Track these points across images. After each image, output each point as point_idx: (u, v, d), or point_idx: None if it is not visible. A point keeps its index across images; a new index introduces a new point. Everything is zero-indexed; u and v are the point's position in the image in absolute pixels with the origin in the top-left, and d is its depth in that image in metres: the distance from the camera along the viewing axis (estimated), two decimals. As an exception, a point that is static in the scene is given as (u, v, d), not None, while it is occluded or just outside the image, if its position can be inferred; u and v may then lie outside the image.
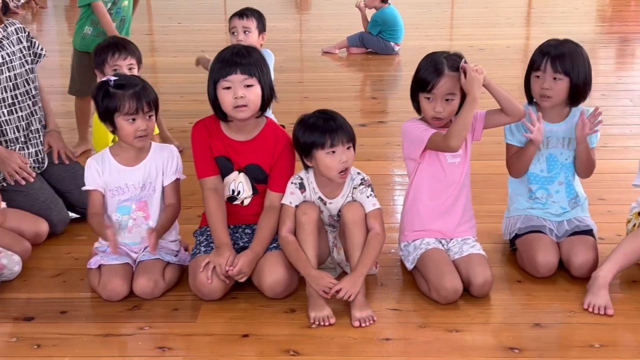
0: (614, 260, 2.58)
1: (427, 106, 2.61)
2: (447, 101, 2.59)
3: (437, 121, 2.62)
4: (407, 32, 6.86)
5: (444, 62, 2.59)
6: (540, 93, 2.72)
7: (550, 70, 2.69)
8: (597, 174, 3.62)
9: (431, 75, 2.57)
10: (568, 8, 8.86)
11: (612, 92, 5.31)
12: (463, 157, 2.69)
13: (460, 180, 2.70)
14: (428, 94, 2.59)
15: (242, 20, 3.90)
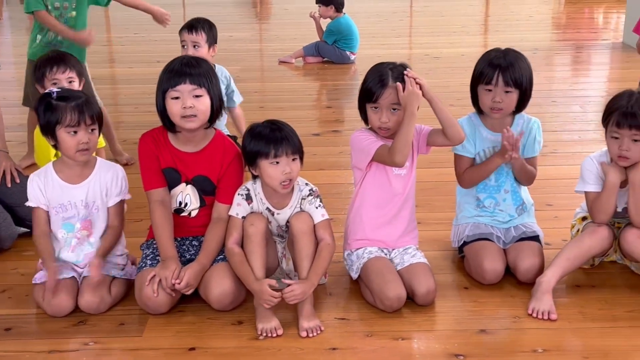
0: (557, 266, 2.62)
1: (374, 116, 2.63)
2: (394, 111, 2.61)
3: (384, 131, 2.63)
4: (364, 41, 6.90)
5: (389, 73, 2.61)
6: (491, 106, 2.75)
7: (502, 84, 2.71)
8: (546, 179, 3.71)
9: (376, 86, 2.59)
10: (522, 16, 9.00)
11: (563, 98, 5.39)
12: (409, 169, 2.71)
13: (405, 192, 2.72)
14: (374, 104, 2.61)
15: (192, 35, 3.88)
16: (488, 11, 9.91)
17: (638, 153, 2.57)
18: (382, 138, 2.65)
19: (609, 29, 8.48)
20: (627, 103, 2.55)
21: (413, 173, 2.73)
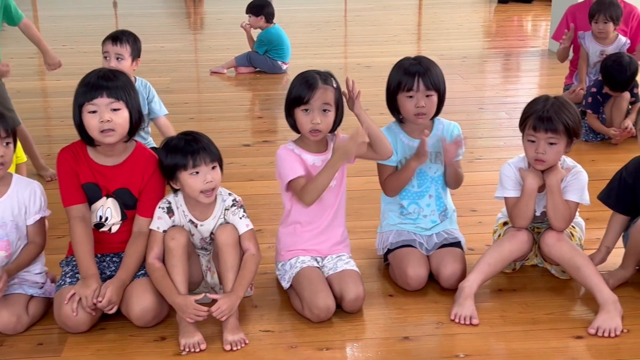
0: (478, 271, 2.66)
1: (305, 119, 2.61)
2: (324, 112, 2.61)
3: (315, 133, 2.62)
4: (296, 51, 6.91)
5: (317, 76, 2.62)
6: (415, 112, 2.77)
7: (423, 89, 2.75)
8: (470, 185, 3.76)
9: (305, 91, 2.59)
10: (453, 25, 9.13)
11: (491, 105, 5.50)
12: (339, 180, 2.72)
13: (336, 203, 2.74)
14: (305, 106, 2.60)
15: (116, 47, 3.80)
16: (420, 20, 10.04)
17: (554, 156, 2.63)
18: (313, 140, 2.64)
19: (536, 37, 8.67)
20: (543, 107, 2.61)
21: (343, 184, 2.75)
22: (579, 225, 2.90)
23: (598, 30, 4.75)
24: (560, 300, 2.72)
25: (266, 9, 6.57)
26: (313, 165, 2.67)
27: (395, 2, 11.30)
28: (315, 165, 2.67)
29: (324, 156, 2.68)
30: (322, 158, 2.68)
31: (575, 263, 2.62)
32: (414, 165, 2.79)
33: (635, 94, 4.47)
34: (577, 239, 2.83)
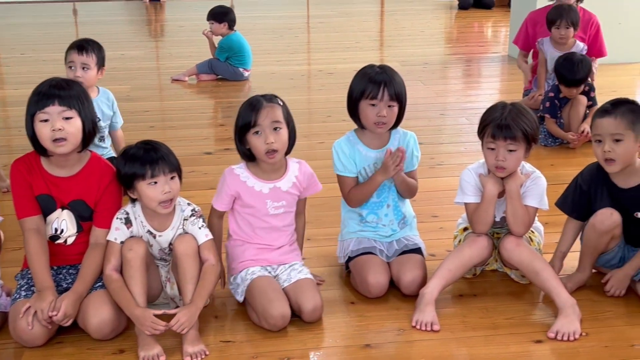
0: (439, 277, 2.67)
1: (258, 141, 2.59)
2: (276, 130, 2.59)
3: (272, 154, 2.60)
4: (258, 58, 6.90)
5: (260, 98, 2.61)
6: (375, 120, 2.76)
7: (387, 99, 2.74)
8: (432, 191, 3.79)
9: (251, 113, 2.58)
10: (414, 31, 9.19)
11: (452, 111, 5.54)
12: (288, 208, 2.71)
13: (284, 223, 2.73)
14: (255, 128, 2.57)
15: (82, 56, 3.73)
16: (382, 27, 10.10)
17: (513, 163, 2.65)
18: (269, 162, 2.62)
19: (497, 43, 8.77)
20: (501, 115, 2.63)
21: (293, 210, 2.74)
22: (538, 229, 2.93)
23: (559, 36, 4.81)
24: (520, 304, 2.74)
25: (229, 16, 6.55)
26: (260, 192, 2.65)
27: (357, 9, 11.36)
28: (262, 192, 2.65)
29: (272, 184, 2.67)
30: (271, 186, 2.66)
31: (534, 267, 2.64)
32: (380, 178, 2.79)
33: (593, 98, 4.54)
34: (536, 244, 2.85)
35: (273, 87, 5.94)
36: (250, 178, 2.66)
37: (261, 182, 2.66)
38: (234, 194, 2.67)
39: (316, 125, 5.22)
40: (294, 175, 2.70)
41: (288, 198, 2.70)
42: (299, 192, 2.73)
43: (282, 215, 2.71)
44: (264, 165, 2.66)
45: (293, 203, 2.73)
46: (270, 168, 2.67)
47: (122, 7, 11.85)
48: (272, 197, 2.67)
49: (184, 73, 6.52)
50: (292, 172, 2.71)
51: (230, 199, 2.68)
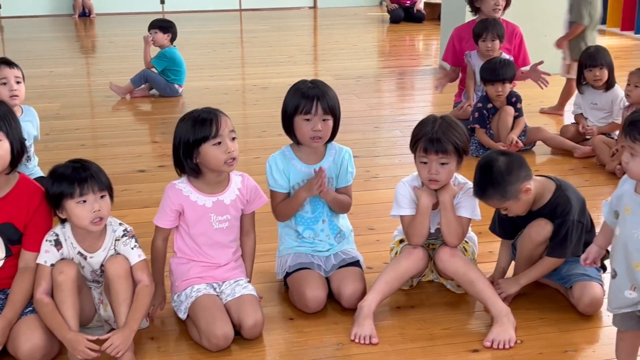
0: (376, 290, 2.68)
1: (218, 151, 2.55)
2: (233, 140, 2.58)
3: (232, 162, 2.58)
4: (191, 73, 6.85)
5: (212, 111, 2.57)
6: (311, 135, 2.76)
7: (321, 113, 2.74)
8: (368, 204, 3.82)
9: (206, 128, 2.53)
10: (347, 45, 9.28)
11: (385, 124, 5.60)
12: (233, 220, 2.69)
13: (227, 241, 2.71)
14: (215, 139, 2.53)
15: (14, 70, 3.67)
16: (315, 41, 10.16)
17: (446, 175, 2.69)
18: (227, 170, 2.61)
19: (428, 55, 8.93)
20: (432, 129, 2.66)
21: (237, 225, 2.72)
22: (471, 240, 2.97)
23: (486, 48, 4.92)
24: (457, 314, 2.78)
25: (174, 29, 6.51)
26: (203, 206, 2.63)
27: (290, 23, 11.41)
28: (205, 206, 2.63)
29: (215, 197, 2.64)
30: (214, 200, 2.64)
31: (469, 277, 2.68)
32: (304, 195, 2.79)
33: (519, 109, 4.65)
34: (470, 254, 2.90)
35: (207, 102, 5.85)
36: (193, 192, 2.63)
37: (204, 196, 2.63)
38: (178, 208, 2.63)
39: (252, 140, 5.21)
40: (237, 188, 2.69)
41: (232, 211, 2.67)
42: (242, 205, 2.71)
43: (226, 230, 2.68)
44: (209, 178, 2.63)
45: (237, 217, 2.70)
46: (215, 180, 2.64)
47: (50, 24, 11.62)
48: (216, 210, 2.64)
49: (122, 91, 6.38)
50: (235, 184, 2.69)
51: (174, 214, 2.64)
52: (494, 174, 2.60)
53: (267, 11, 12.62)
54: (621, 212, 2.12)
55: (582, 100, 4.81)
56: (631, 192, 2.10)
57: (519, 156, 2.70)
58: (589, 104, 4.77)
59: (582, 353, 2.54)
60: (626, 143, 2.05)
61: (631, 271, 2.10)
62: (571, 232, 2.66)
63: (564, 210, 2.66)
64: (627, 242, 2.09)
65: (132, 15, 11.89)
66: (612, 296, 2.18)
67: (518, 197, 2.62)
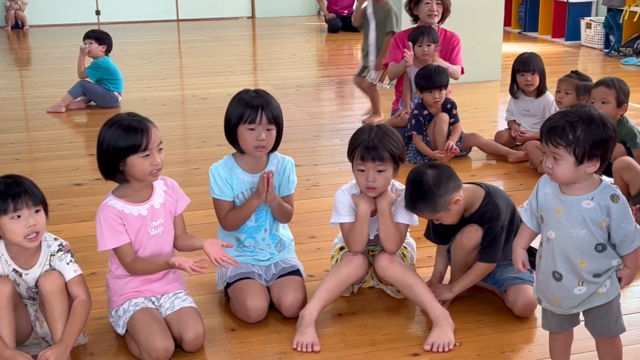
0: (318, 298, 2.70)
1: (146, 163, 2.53)
2: (160, 151, 2.56)
3: (157, 173, 2.56)
4: (129, 84, 6.76)
5: (140, 121, 2.54)
6: (255, 144, 2.77)
7: (265, 122, 2.75)
8: (308, 212, 3.84)
9: (136, 137, 2.50)
10: (286, 54, 9.30)
11: (325, 132, 5.63)
12: (167, 226, 2.67)
13: (167, 243, 2.68)
14: (144, 152, 2.51)
15: None
16: (254, 51, 10.16)
17: (383, 183, 2.72)
18: (138, 192, 2.59)
19: (366, 64, 9.00)
20: (368, 137, 2.70)
21: (171, 232, 2.70)
22: (410, 245, 3.02)
23: (422, 53, 4.98)
24: (397, 319, 2.81)
25: (110, 40, 6.43)
26: (139, 216, 2.60)
27: (228, 33, 11.38)
28: (141, 214, 2.60)
29: (147, 204, 2.62)
30: (147, 206, 2.62)
31: (408, 282, 2.73)
32: (256, 203, 2.80)
33: (455, 115, 4.74)
34: (409, 259, 2.94)
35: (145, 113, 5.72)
36: (126, 206, 2.60)
37: (137, 205, 2.60)
38: (122, 222, 2.57)
39: (191, 151, 5.18)
40: (162, 190, 2.67)
41: (164, 214, 2.65)
42: (172, 207, 2.69)
43: (161, 235, 2.65)
44: (134, 186, 2.60)
45: (170, 220, 2.68)
46: (141, 187, 2.61)
47: (-19, 35, 11.34)
48: (151, 217, 2.62)
49: (60, 104, 6.26)
50: (159, 187, 2.67)
51: (122, 227, 2.57)
52: (424, 188, 2.64)
53: (205, 21, 12.56)
54: (550, 216, 2.16)
55: (515, 107, 4.93)
56: (557, 194, 2.15)
57: (448, 168, 2.75)
58: (521, 111, 4.90)
59: (519, 353, 2.60)
60: (548, 149, 2.10)
61: (576, 269, 2.14)
62: (500, 237, 2.72)
63: (492, 217, 2.72)
64: (566, 243, 2.13)
65: (66, 27, 11.68)
66: (561, 298, 2.20)
67: (448, 209, 2.68)
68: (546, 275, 2.21)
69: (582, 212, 2.10)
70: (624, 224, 2.10)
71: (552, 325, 2.30)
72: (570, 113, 2.09)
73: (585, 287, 2.15)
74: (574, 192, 2.13)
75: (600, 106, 3.96)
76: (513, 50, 6.52)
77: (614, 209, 2.10)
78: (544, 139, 2.12)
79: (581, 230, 2.11)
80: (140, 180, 2.58)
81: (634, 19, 8.48)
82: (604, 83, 4.00)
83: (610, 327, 2.22)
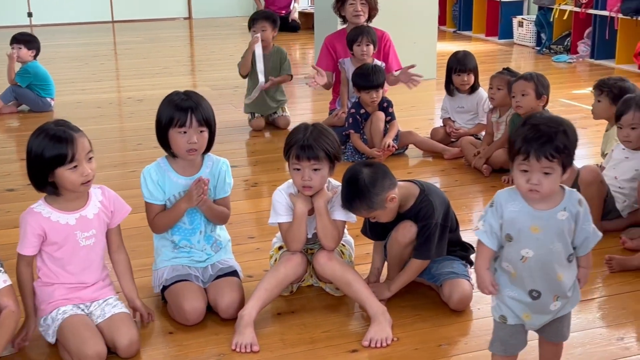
0: (256, 298, 2.70)
1: (74, 175, 2.47)
2: (90, 160, 2.51)
3: (88, 183, 2.51)
4: (62, 87, 6.65)
5: (66, 131, 2.46)
6: (187, 148, 2.75)
7: (196, 125, 2.73)
8: (247, 213, 3.84)
9: (62, 147, 2.43)
10: (224, 55, 9.24)
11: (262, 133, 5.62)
12: (98, 238, 2.63)
13: (98, 254, 2.64)
14: (71, 164, 2.45)
15: None
16: (192, 52, 10.07)
17: (319, 181, 2.74)
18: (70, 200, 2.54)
19: (305, 64, 9.03)
20: (304, 136, 2.71)
21: (103, 242, 2.65)
22: (348, 242, 3.04)
23: (362, 52, 5.03)
24: (336, 317, 2.83)
25: (38, 44, 6.28)
26: (66, 225, 2.54)
27: (164, 34, 11.26)
28: (69, 224, 2.55)
29: (78, 213, 2.57)
30: (77, 216, 2.57)
31: (347, 279, 2.75)
32: (184, 206, 2.78)
33: (391, 113, 4.79)
34: (347, 257, 2.96)
35: (79, 116, 5.74)
36: (53, 213, 2.54)
37: (66, 214, 2.55)
38: (40, 233, 2.53)
39: (128, 153, 5.11)
40: (98, 201, 2.62)
41: (97, 225, 2.61)
42: (107, 219, 2.65)
43: (93, 246, 2.61)
44: (68, 195, 2.55)
45: (103, 231, 2.64)
46: (74, 197, 2.57)
47: None
48: (81, 227, 2.57)
49: (-7, 109, 6.10)
50: (96, 197, 2.62)
51: (38, 239, 2.53)
52: (360, 187, 2.67)
53: (140, 22, 12.40)
54: (524, 234, 2.03)
55: (449, 104, 5.02)
56: (529, 211, 2.03)
57: (383, 166, 2.78)
58: (456, 108, 4.98)
59: (455, 346, 2.64)
60: (539, 165, 1.95)
61: (554, 284, 2.07)
62: (434, 234, 2.76)
63: (426, 214, 2.76)
64: (547, 260, 2.04)
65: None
66: (535, 315, 2.12)
67: (384, 207, 2.71)
68: (520, 295, 2.10)
69: (559, 224, 2.02)
70: (585, 226, 2.06)
71: (506, 348, 2.18)
72: (547, 123, 1.95)
73: (559, 302, 2.11)
74: (546, 205, 2.02)
75: (520, 99, 4.10)
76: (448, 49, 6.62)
77: (581, 213, 2.04)
78: (533, 155, 1.94)
79: (558, 244, 2.04)
80: (72, 192, 2.53)
81: (564, 17, 8.72)
82: (523, 77, 4.16)
83: (564, 332, 2.21)
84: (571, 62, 8.40)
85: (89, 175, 2.49)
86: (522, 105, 4.10)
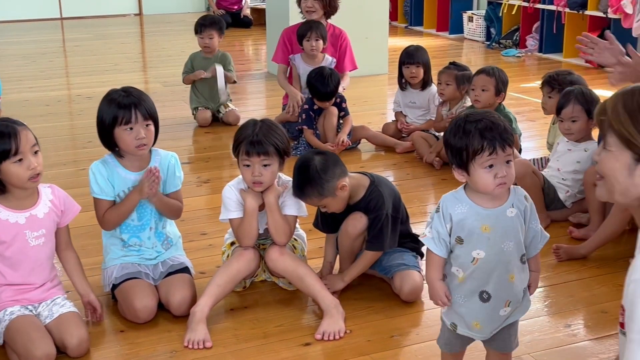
0: (209, 294, 2.69)
1: (20, 169, 2.42)
2: (36, 154, 2.47)
3: (36, 178, 2.46)
4: (8, 86, 6.51)
5: (11, 125, 2.43)
6: (136, 144, 2.73)
7: (142, 120, 2.71)
8: (199, 209, 3.82)
9: (7, 141, 2.39)
10: (175, 51, 9.13)
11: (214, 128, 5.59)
12: (48, 237, 2.58)
13: (48, 254, 2.60)
14: (16, 157, 2.40)
15: None
16: (143, 48, 9.96)
17: (269, 177, 2.73)
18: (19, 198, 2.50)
19: (258, 60, 9.00)
20: (253, 132, 2.70)
21: (52, 242, 2.61)
22: (300, 237, 3.05)
23: (311, 48, 5.04)
24: (289, 311, 2.84)
25: None
26: (16, 224, 2.50)
27: (115, 31, 11.10)
28: (18, 223, 2.50)
29: (28, 212, 2.53)
30: (27, 215, 2.52)
31: (299, 274, 2.75)
32: (135, 197, 2.75)
33: (344, 109, 4.81)
34: (299, 251, 2.97)
35: (27, 114, 5.63)
36: (2, 211, 2.49)
37: (15, 212, 2.51)
38: None
39: (78, 151, 5.03)
40: (49, 200, 2.58)
41: (47, 225, 2.57)
42: (58, 218, 2.61)
43: (43, 246, 2.56)
44: (17, 193, 2.50)
45: (52, 231, 2.60)
46: (25, 195, 2.52)
47: None
48: (30, 226, 2.52)
49: None
50: (46, 196, 2.58)
51: None
52: (311, 173, 2.68)
53: (89, 19, 12.20)
54: (475, 235, 1.99)
55: (401, 99, 5.06)
56: (477, 210, 1.99)
57: (334, 155, 2.81)
58: (408, 103, 5.02)
59: (407, 337, 2.67)
60: (505, 153, 1.92)
61: (505, 286, 2.03)
62: (386, 226, 2.78)
63: (376, 205, 2.78)
64: (498, 260, 2.00)
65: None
66: (485, 322, 2.06)
67: (335, 194, 2.72)
68: (470, 297, 2.05)
69: (508, 222, 1.99)
70: (532, 224, 2.05)
71: (454, 345, 2.18)
72: (485, 115, 1.96)
73: (510, 308, 2.06)
74: (494, 203, 2.00)
75: (479, 93, 4.14)
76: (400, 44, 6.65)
77: (528, 210, 2.03)
78: (499, 146, 1.92)
79: (509, 243, 2.00)
80: (21, 188, 2.49)
81: (512, 12, 8.84)
82: (484, 71, 4.18)
83: (511, 342, 2.16)
84: (520, 56, 8.54)
85: (36, 168, 2.44)
86: (480, 100, 4.14)
